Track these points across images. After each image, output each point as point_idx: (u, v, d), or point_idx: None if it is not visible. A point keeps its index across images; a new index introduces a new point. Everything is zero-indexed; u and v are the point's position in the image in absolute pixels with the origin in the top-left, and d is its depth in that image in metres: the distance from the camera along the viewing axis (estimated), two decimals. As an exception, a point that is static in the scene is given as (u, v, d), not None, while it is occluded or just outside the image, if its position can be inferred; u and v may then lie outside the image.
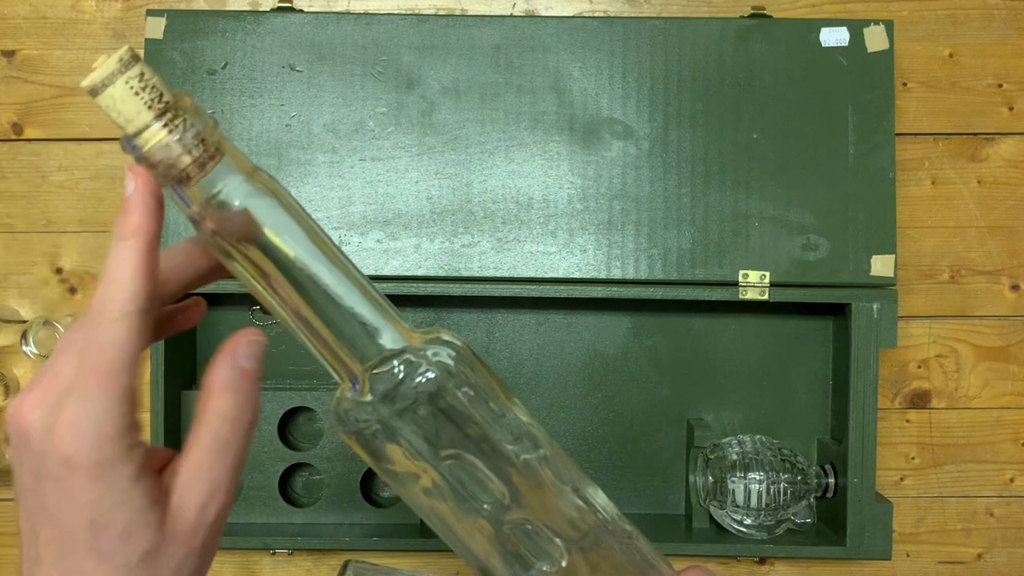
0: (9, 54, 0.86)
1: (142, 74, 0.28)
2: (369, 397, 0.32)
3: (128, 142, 0.29)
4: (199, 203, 0.30)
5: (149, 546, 0.30)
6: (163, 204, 0.30)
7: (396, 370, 0.32)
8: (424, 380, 0.32)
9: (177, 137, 0.29)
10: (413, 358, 0.32)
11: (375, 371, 0.32)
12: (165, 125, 0.29)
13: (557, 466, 0.35)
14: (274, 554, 0.82)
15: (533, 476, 0.34)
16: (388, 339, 0.33)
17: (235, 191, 0.30)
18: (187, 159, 0.29)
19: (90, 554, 0.29)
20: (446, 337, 0.34)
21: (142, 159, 0.29)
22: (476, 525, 0.34)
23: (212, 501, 0.31)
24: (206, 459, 0.31)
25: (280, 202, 0.31)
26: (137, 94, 0.28)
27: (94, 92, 0.28)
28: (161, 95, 0.29)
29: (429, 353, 0.33)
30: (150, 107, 0.28)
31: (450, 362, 0.33)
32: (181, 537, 0.31)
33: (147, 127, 0.29)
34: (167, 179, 0.29)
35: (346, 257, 0.33)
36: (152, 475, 0.30)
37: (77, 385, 0.28)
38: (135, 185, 0.29)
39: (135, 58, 0.28)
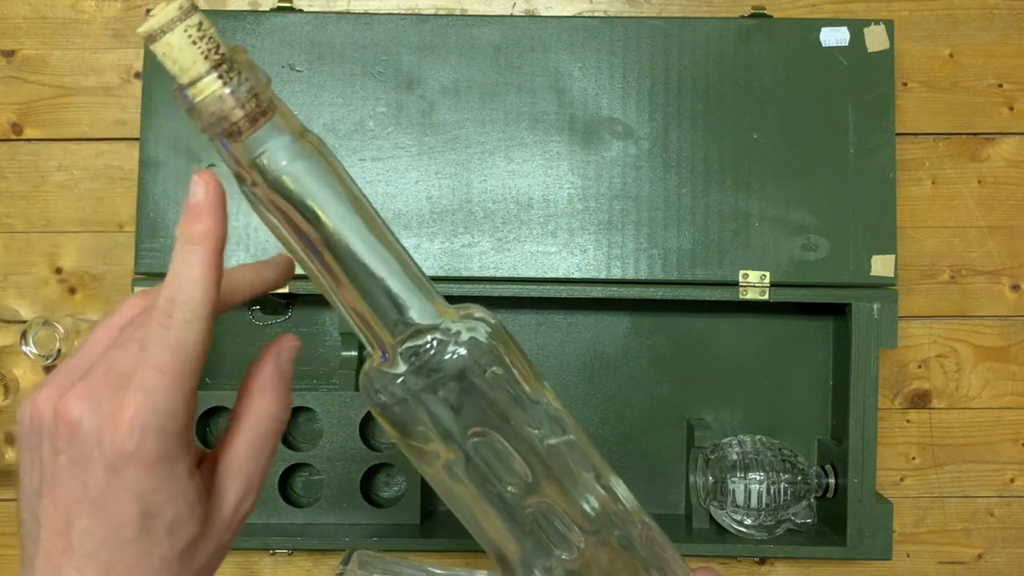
0: (9, 54, 0.86)
1: (200, 23, 0.28)
2: (399, 370, 0.32)
3: (181, 92, 0.29)
4: (246, 158, 0.30)
5: (190, 539, 0.30)
6: (227, 210, 0.30)
7: (428, 345, 0.32)
8: (455, 356, 0.31)
9: (231, 90, 0.28)
10: (445, 334, 0.32)
11: (406, 344, 0.32)
12: (220, 77, 0.28)
13: (582, 453, 0.34)
14: (274, 554, 0.82)
15: (558, 460, 0.33)
16: (422, 313, 0.32)
17: (282, 150, 0.30)
18: (239, 113, 0.29)
19: (132, 546, 0.29)
20: (479, 314, 0.33)
21: (193, 110, 0.29)
22: (497, 507, 0.33)
23: (247, 497, 0.32)
24: (245, 456, 0.32)
25: (326, 165, 0.30)
26: (195, 43, 0.28)
27: (151, 39, 0.28)
28: (218, 46, 0.28)
29: (463, 329, 0.32)
30: (207, 57, 0.28)
31: (483, 339, 0.32)
32: (217, 531, 0.31)
33: (201, 77, 0.28)
34: (216, 132, 0.29)
35: (389, 228, 0.32)
36: (199, 471, 0.31)
37: (144, 382, 0.28)
38: (204, 190, 0.29)
39: (194, 7, 0.28)
